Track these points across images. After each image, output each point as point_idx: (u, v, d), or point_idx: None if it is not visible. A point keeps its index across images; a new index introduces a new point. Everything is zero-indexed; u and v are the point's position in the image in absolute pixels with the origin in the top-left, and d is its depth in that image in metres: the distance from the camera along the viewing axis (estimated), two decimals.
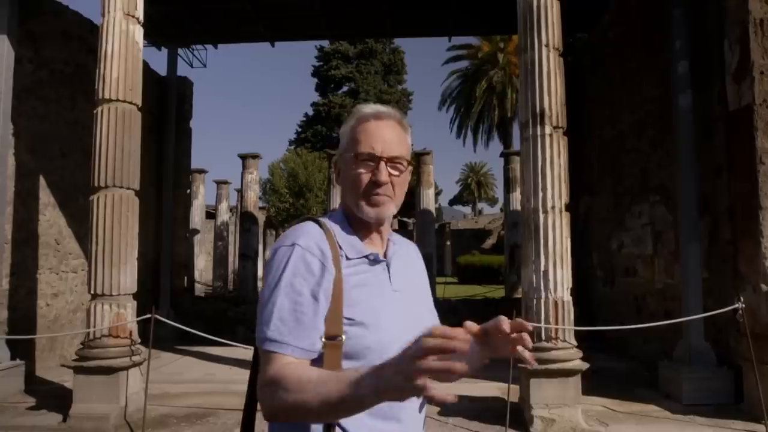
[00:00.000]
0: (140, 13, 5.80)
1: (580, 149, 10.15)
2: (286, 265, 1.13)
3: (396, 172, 1.23)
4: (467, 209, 62.19)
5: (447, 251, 34.64)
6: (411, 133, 1.32)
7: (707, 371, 5.60)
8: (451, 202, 66.13)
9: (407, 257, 1.35)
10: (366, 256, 1.22)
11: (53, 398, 5.85)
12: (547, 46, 5.37)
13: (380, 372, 0.86)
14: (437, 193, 37.87)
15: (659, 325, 5.73)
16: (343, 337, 1.10)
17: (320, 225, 1.21)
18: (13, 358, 6.41)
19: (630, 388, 6.27)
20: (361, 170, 1.21)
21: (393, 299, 1.21)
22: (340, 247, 1.19)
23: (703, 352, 5.71)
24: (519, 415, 5.22)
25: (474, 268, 24.71)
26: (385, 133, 1.23)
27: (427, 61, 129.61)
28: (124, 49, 5.58)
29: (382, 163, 1.20)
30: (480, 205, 59.25)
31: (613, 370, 7.28)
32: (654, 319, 6.32)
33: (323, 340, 1.10)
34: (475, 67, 27.01)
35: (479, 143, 29.21)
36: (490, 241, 33.20)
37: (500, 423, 5.05)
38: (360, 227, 1.25)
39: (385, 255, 1.27)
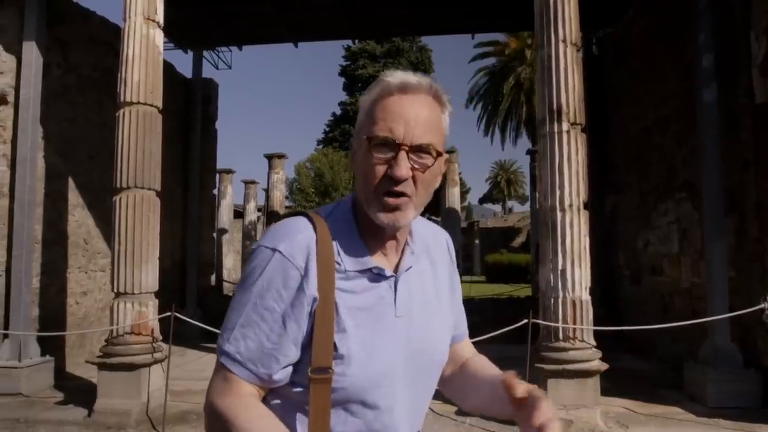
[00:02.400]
0: (160, 17, 5.92)
1: (605, 147, 9.98)
2: (262, 273, 0.95)
3: (420, 166, 0.94)
4: (497, 207, 61.67)
5: (475, 250, 34.42)
6: (450, 114, 1.02)
7: (733, 373, 5.43)
8: (481, 201, 65.68)
9: (432, 262, 1.12)
10: (370, 269, 0.99)
11: (80, 393, 6.03)
12: (564, 41, 5.29)
13: None
14: (465, 192, 37.62)
15: (683, 325, 5.59)
16: (333, 369, 0.93)
17: (314, 226, 0.98)
18: (43, 354, 6.62)
19: (654, 389, 6.13)
20: (375, 160, 0.94)
21: (392, 327, 0.99)
22: (339, 256, 0.97)
23: (729, 353, 5.55)
24: None
25: (502, 266, 24.50)
26: (410, 112, 0.94)
27: (454, 58, 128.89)
28: (145, 52, 5.71)
29: (402, 153, 0.93)
30: (510, 203, 58.68)
31: (638, 371, 7.13)
32: (681, 319, 6.16)
33: (309, 374, 0.93)
34: (502, 64, 26.75)
35: (507, 141, 28.85)
36: (519, 240, 32.87)
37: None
38: (370, 228, 1.00)
39: (396, 268, 1.03)
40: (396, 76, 0.98)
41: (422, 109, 0.95)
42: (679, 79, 7.05)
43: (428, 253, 1.12)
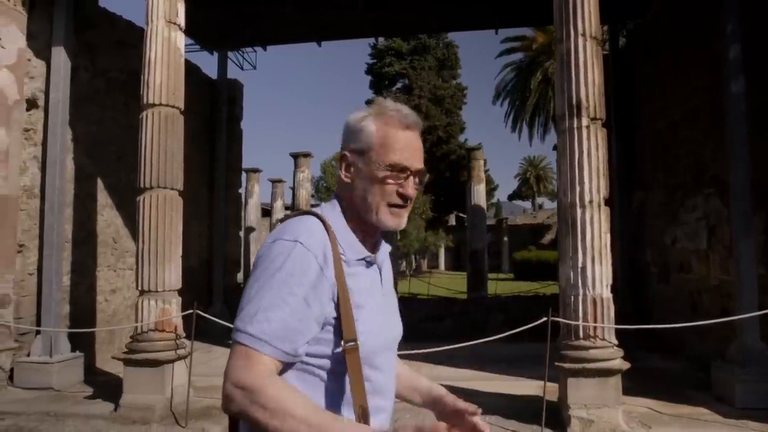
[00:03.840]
0: (181, 20, 6.02)
1: (632, 142, 9.78)
2: (285, 262, 1.10)
3: (419, 186, 1.24)
4: (527, 204, 61.01)
5: (504, 247, 34.12)
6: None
7: (763, 373, 5.26)
8: (511, 198, 65.02)
9: (387, 258, 1.36)
10: (364, 258, 1.21)
11: (108, 388, 6.19)
12: (583, 35, 5.19)
13: None
14: (493, 189, 37.28)
15: (709, 323, 5.44)
16: (358, 339, 1.11)
17: (324, 223, 1.17)
18: (74, 350, 6.82)
19: (680, 389, 5.99)
20: (391, 180, 1.19)
21: (383, 303, 1.24)
22: (342, 248, 1.17)
23: (758, 353, 5.38)
24: (557, 414, 5.10)
25: (530, 264, 24.26)
26: (416, 145, 1.22)
27: (481, 55, 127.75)
28: (167, 55, 5.81)
29: (411, 178, 1.21)
30: (540, 200, 57.88)
31: (665, 371, 6.98)
32: (710, 318, 6.01)
33: (343, 346, 1.10)
34: (529, 59, 26.43)
35: (535, 137, 28.65)
36: (548, 237, 32.46)
37: (538, 422, 4.94)
38: (359, 228, 1.23)
39: (377, 258, 1.28)
40: (398, 110, 1.24)
41: (419, 142, 1.25)
42: (707, 71, 6.86)
43: (386, 252, 1.35)
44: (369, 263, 1.23)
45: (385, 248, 1.34)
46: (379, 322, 1.19)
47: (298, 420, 0.96)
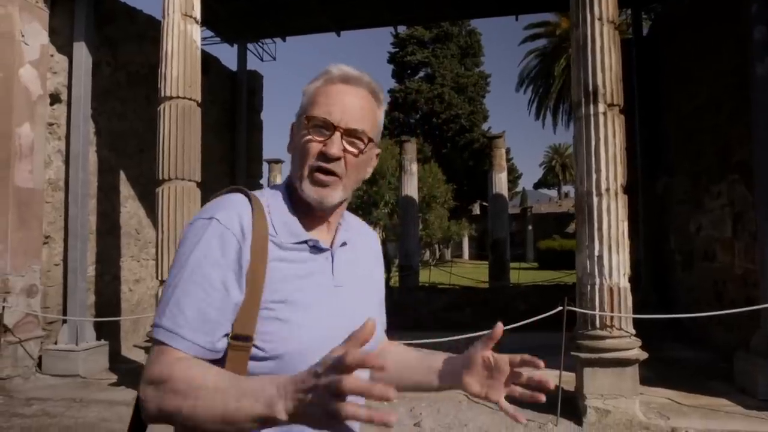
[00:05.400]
0: (197, 12, 6.08)
1: (657, 128, 9.57)
2: (198, 242, 0.96)
3: (353, 149, 1.02)
4: (553, 192, 60.27)
5: (528, 236, 33.85)
6: (385, 111, 1.12)
7: None
8: (536, 186, 64.36)
9: (362, 247, 1.18)
10: (305, 242, 1.03)
11: (132, 376, 6.35)
12: (600, 20, 5.08)
13: (291, 388, 0.74)
14: (517, 177, 36.90)
15: (731, 313, 5.34)
16: (255, 340, 0.94)
17: (249, 199, 1.02)
18: (99, 338, 7.01)
19: (702, 380, 5.88)
20: (311, 138, 1.01)
21: (331, 295, 1.03)
22: (274, 229, 1.01)
23: None
24: (574, 404, 5.06)
25: (554, 252, 24.04)
26: (348, 100, 1.02)
27: (505, 41, 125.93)
28: (183, 48, 5.88)
29: (337, 134, 1.00)
30: (566, 189, 57.11)
31: (687, 361, 6.86)
32: (734, 307, 5.88)
33: (229, 339, 0.94)
34: (553, 45, 25.96)
35: (559, 124, 28.11)
36: (573, 225, 32.05)
37: (554, 412, 4.92)
38: (303, 207, 1.05)
39: (332, 244, 1.08)
40: (340, 68, 1.06)
41: (359, 99, 1.04)
42: (732, 53, 6.67)
43: (360, 242, 1.17)
44: (314, 249, 1.03)
45: (360, 237, 1.18)
46: (317, 322, 0.98)
47: (212, 390, 0.82)
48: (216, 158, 10.17)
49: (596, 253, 4.95)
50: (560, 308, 4.94)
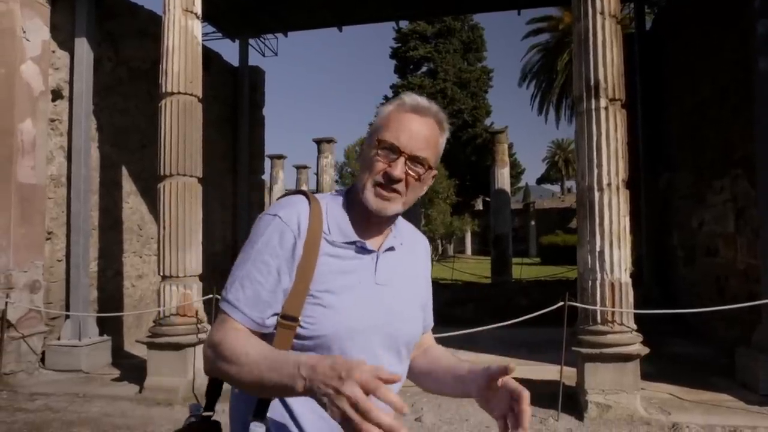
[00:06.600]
0: (198, 8, 6.06)
1: (660, 123, 9.54)
2: (263, 234, 1.14)
3: (413, 173, 1.15)
4: (556, 188, 60.17)
5: (531, 231, 33.77)
6: (446, 138, 1.24)
7: None
8: (539, 181, 64.20)
9: (410, 253, 1.29)
10: (354, 242, 1.17)
11: (134, 371, 6.37)
12: (602, 13, 5.06)
13: (311, 373, 0.87)
14: (519, 173, 36.76)
15: (732, 308, 5.32)
16: (301, 321, 1.09)
17: (309, 200, 1.18)
18: (102, 334, 7.03)
19: (704, 375, 5.88)
20: (379, 158, 1.15)
21: (372, 291, 1.16)
22: (328, 228, 1.16)
23: None
24: (575, 399, 5.07)
25: (557, 248, 23.96)
26: (415, 128, 1.15)
27: (507, 36, 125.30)
28: (184, 43, 5.87)
29: (402, 158, 1.14)
30: (569, 184, 56.98)
31: (690, 357, 6.85)
32: (736, 302, 5.87)
33: (278, 318, 1.10)
34: (555, 40, 25.82)
35: (562, 119, 28.00)
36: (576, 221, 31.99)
37: (555, 407, 4.93)
38: (360, 213, 1.19)
39: (379, 247, 1.21)
40: (412, 98, 1.20)
41: (425, 128, 1.17)
42: (735, 48, 6.63)
43: (409, 247, 1.30)
44: (361, 249, 1.17)
45: (410, 244, 1.30)
46: (354, 312, 1.12)
47: (252, 362, 0.98)
48: (218, 154, 10.18)
49: (597, 248, 4.95)
50: (561, 303, 4.94)
